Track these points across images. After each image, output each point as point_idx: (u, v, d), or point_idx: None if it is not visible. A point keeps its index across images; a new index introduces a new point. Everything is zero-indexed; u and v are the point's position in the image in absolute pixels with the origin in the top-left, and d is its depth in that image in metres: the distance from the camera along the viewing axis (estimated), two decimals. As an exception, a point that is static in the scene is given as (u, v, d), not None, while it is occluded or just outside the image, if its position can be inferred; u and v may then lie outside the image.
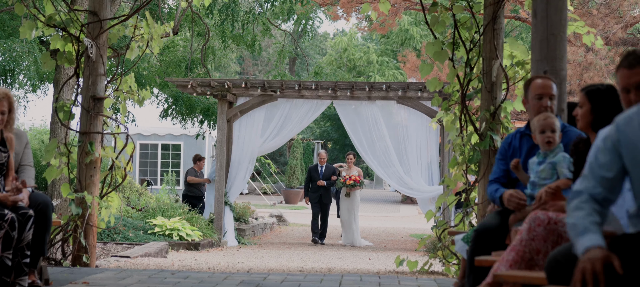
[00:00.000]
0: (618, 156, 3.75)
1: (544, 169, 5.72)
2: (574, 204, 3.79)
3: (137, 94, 11.18)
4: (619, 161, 3.75)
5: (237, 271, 12.20)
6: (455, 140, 10.46)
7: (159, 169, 34.53)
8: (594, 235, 3.59)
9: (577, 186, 3.85)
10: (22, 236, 6.98)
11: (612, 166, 3.76)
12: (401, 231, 24.92)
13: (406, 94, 18.09)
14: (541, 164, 5.79)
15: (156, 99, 26.28)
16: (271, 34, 26.86)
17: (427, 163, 18.67)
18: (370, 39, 53.38)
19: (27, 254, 7.03)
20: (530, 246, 4.73)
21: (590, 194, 3.78)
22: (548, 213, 4.76)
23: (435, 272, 12.15)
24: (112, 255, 13.46)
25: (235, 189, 18.75)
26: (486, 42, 9.71)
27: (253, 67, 61.40)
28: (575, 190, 3.85)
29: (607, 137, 3.80)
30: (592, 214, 3.71)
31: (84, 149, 10.43)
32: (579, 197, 3.80)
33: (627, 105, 3.99)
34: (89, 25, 10.51)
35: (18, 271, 6.98)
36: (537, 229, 4.72)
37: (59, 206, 13.68)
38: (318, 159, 20.16)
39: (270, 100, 18.65)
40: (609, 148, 3.78)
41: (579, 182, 3.86)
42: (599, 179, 3.78)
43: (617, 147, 3.76)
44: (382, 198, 47.26)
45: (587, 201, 3.76)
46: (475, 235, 6.04)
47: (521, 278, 4.47)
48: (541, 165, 5.78)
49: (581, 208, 3.75)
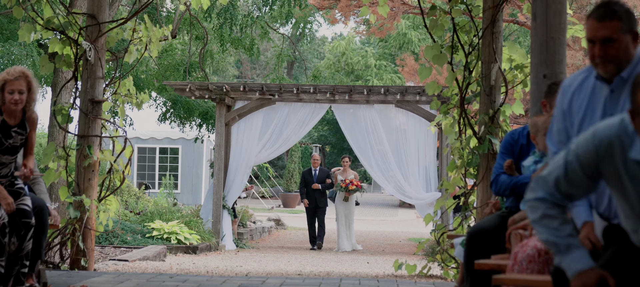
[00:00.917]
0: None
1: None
2: (542, 212, 3.66)
3: (136, 97, 11.16)
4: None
5: (235, 274, 12.18)
6: (454, 144, 10.45)
7: (157, 173, 34.52)
8: (579, 253, 3.52)
9: (535, 186, 3.73)
10: (22, 245, 6.98)
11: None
12: (399, 235, 24.90)
13: (404, 97, 18.08)
14: (538, 163, 5.76)
15: (154, 103, 26.26)
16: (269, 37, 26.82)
17: (425, 167, 18.64)
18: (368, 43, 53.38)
19: (26, 264, 7.03)
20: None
21: (549, 194, 3.67)
22: (536, 245, 4.69)
23: (434, 275, 12.14)
24: (110, 258, 13.44)
25: (234, 193, 18.73)
26: (485, 46, 9.71)
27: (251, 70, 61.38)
28: (535, 193, 3.72)
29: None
30: (565, 221, 3.61)
31: (82, 152, 10.41)
32: (542, 202, 3.67)
33: (590, 57, 3.89)
34: (88, 28, 10.50)
35: (15, 280, 6.97)
36: (530, 266, 4.67)
37: (57, 209, 13.65)
38: (312, 162, 20.00)
39: (268, 104, 18.64)
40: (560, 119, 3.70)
41: (538, 181, 3.73)
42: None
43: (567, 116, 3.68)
44: (380, 202, 47.25)
45: (552, 206, 3.65)
46: (469, 237, 6.01)
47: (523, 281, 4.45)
48: (538, 164, 5.74)
49: (550, 216, 3.63)
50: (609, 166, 3.48)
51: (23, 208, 7.05)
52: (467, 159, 10.06)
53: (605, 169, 3.50)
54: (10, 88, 6.97)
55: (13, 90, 6.97)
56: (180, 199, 31.41)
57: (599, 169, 3.51)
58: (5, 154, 7.05)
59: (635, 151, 3.42)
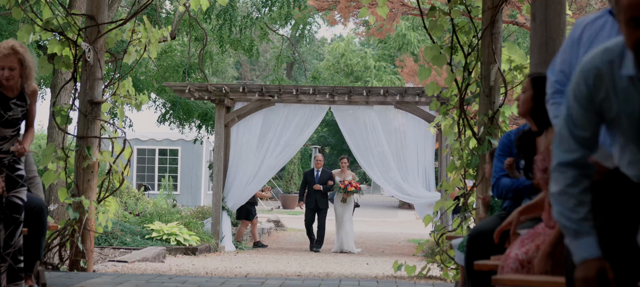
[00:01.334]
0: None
1: None
2: (562, 187, 3.53)
3: (135, 99, 11.16)
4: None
5: (234, 275, 12.17)
6: (453, 145, 10.45)
7: (157, 174, 34.51)
8: (587, 240, 3.45)
9: (555, 146, 3.57)
10: (11, 241, 6.89)
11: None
12: (399, 236, 24.89)
13: (404, 98, 18.08)
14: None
15: (154, 104, 26.26)
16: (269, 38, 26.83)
17: (424, 168, 18.63)
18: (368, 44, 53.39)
19: (20, 259, 6.96)
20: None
21: (569, 150, 3.51)
22: (517, 256, 4.66)
23: (433, 277, 12.13)
24: (110, 260, 13.44)
25: (233, 194, 18.72)
26: (484, 47, 9.71)
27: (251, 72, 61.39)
28: (556, 157, 3.55)
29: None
30: (581, 203, 3.48)
31: (82, 153, 10.41)
32: (563, 172, 3.53)
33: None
34: (87, 29, 10.49)
35: (12, 276, 6.92)
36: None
37: (57, 210, 13.65)
38: (314, 163, 19.89)
39: (267, 105, 18.63)
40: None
41: (556, 139, 3.58)
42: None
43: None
44: (380, 203, 47.26)
45: (573, 180, 3.50)
46: (470, 239, 6.01)
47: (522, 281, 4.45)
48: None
49: (568, 194, 3.50)
50: (602, 94, 3.41)
51: (15, 201, 6.90)
52: (466, 160, 10.06)
53: (599, 101, 3.42)
54: (1, 64, 6.83)
55: (3, 67, 6.81)
56: (180, 200, 31.41)
57: (594, 102, 3.44)
58: (7, 126, 6.93)
59: (626, 67, 3.35)
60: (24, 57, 6.91)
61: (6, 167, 6.90)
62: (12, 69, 6.84)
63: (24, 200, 6.98)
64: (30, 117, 7.10)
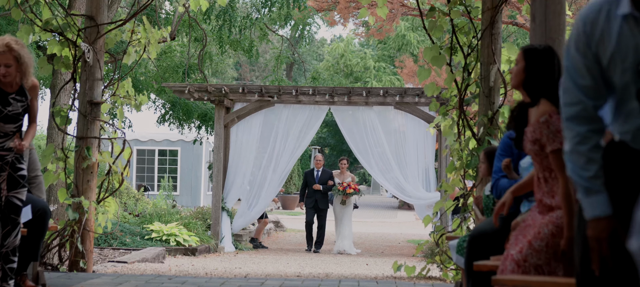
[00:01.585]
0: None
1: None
2: (571, 146, 3.54)
3: (134, 99, 11.16)
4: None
5: (234, 276, 12.17)
6: (453, 146, 10.44)
7: (156, 175, 34.51)
8: (598, 198, 3.44)
9: (562, 100, 3.58)
10: (5, 241, 6.85)
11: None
12: (398, 237, 24.88)
13: (403, 99, 18.08)
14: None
15: (153, 105, 26.26)
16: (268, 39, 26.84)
17: (424, 169, 18.62)
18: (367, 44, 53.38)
19: (13, 259, 6.92)
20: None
21: (574, 103, 3.51)
22: (513, 258, 4.67)
23: (433, 277, 12.13)
24: (109, 260, 13.44)
25: (233, 195, 18.72)
26: (484, 47, 9.70)
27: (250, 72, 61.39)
28: (564, 111, 3.57)
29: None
30: (590, 160, 3.48)
31: (81, 154, 10.41)
32: (571, 128, 3.53)
33: None
34: (86, 30, 10.50)
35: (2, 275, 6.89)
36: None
37: (56, 211, 13.65)
38: (314, 163, 19.82)
39: (267, 106, 18.63)
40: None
41: (562, 92, 3.59)
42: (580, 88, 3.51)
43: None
44: (379, 204, 47.25)
45: (582, 137, 3.51)
46: (470, 240, 6.01)
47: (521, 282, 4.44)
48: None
49: (578, 152, 3.52)
50: (597, 35, 3.37)
51: (14, 202, 6.89)
52: (466, 161, 10.06)
53: (595, 44, 3.39)
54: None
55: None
56: (179, 201, 31.42)
57: (591, 46, 3.40)
58: (8, 122, 6.89)
59: (622, 7, 3.30)
60: (19, 54, 6.85)
61: (9, 165, 6.86)
62: (7, 66, 6.79)
63: (23, 201, 6.95)
64: (31, 113, 7.06)
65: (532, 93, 4.72)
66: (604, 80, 3.46)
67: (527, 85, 4.74)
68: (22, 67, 6.87)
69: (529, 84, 4.73)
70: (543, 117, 4.57)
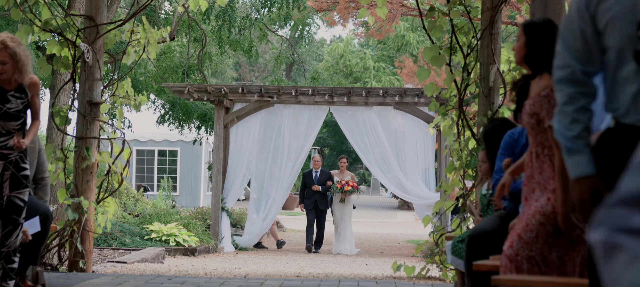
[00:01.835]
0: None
1: None
2: (559, 106, 3.57)
3: (134, 99, 11.16)
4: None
5: (234, 276, 12.17)
6: (452, 146, 10.45)
7: (156, 175, 34.51)
8: (579, 158, 3.48)
9: (556, 74, 3.61)
10: (7, 241, 6.84)
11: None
12: (398, 237, 24.88)
13: (403, 99, 18.09)
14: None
15: (153, 105, 26.27)
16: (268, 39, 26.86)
17: (424, 169, 18.62)
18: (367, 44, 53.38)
19: (14, 259, 6.91)
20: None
21: (564, 66, 3.53)
22: (505, 253, 4.68)
23: (433, 277, 12.12)
24: (109, 260, 13.43)
25: (232, 195, 18.72)
26: (483, 47, 9.71)
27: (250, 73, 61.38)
28: (555, 73, 3.61)
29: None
30: (575, 121, 3.50)
31: (81, 154, 10.41)
32: (561, 89, 3.56)
33: None
34: (86, 30, 10.50)
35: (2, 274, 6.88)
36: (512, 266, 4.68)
37: (56, 211, 13.65)
38: (312, 164, 19.78)
39: (267, 106, 18.63)
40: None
41: (556, 56, 3.61)
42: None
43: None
44: (379, 204, 47.25)
45: (570, 98, 3.53)
46: (469, 239, 6.01)
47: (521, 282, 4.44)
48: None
49: (564, 112, 3.54)
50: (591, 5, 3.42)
51: (16, 202, 6.87)
52: (465, 161, 10.06)
53: (594, 5, 3.40)
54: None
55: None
56: (179, 201, 31.42)
57: (590, 8, 3.40)
58: (9, 119, 6.86)
59: None
60: (14, 51, 6.82)
61: (12, 164, 6.84)
62: (3, 63, 6.76)
63: (25, 201, 6.93)
64: (33, 110, 7.04)
65: (534, 67, 4.71)
66: (596, 46, 3.46)
67: (529, 60, 4.73)
68: (18, 65, 6.84)
69: (531, 58, 4.72)
70: (544, 91, 4.55)
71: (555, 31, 4.70)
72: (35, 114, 7.04)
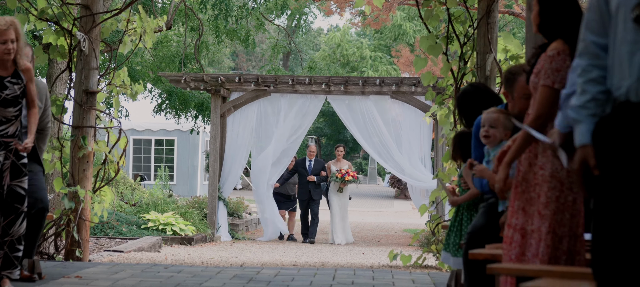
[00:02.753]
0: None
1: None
2: (575, 78, 3.60)
3: (130, 88, 11.15)
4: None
5: (230, 265, 12.18)
6: (449, 135, 10.46)
7: (153, 164, 34.52)
8: (580, 127, 3.50)
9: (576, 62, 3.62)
10: (10, 229, 6.84)
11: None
12: (395, 226, 24.91)
13: (400, 88, 18.09)
14: (488, 163, 5.65)
15: (150, 94, 26.25)
16: (265, 29, 26.80)
17: (421, 158, 18.63)
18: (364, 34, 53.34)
19: (19, 248, 6.91)
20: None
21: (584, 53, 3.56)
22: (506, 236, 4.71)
23: (429, 266, 12.15)
24: (105, 249, 13.44)
25: (229, 184, 18.73)
26: (480, 36, 9.71)
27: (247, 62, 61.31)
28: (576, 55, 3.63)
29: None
30: (585, 91, 3.51)
31: (77, 143, 10.40)
32: (576, 64, 3.60)
33: None
34: (82, 19, 10.48)
35: (6, 263, 6.88)
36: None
37: (52, 200, 13.65)
38: (307, 153, 19.73)
39: (263, 95, 18.63)
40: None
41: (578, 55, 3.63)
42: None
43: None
44: (376, 193, 47.28)
45: (580, 68, 3.55)
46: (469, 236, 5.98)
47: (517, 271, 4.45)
48: (489, 164, 5.62)
49: (576, 84, 3.58)
50: None
51: (17, 191, 6.86)
52: (462, 150, 10.05)
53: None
54: (3, 38, 6.74)
55: (5, 40, 6.72)
56: (176, 190, 31.43)
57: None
58: (7, 106, 6.82)
59: None
60: (19, 31, 6.84)
61: (13, 153, 6.83)
62: (12, 42, 6.76)
63: (26, 189, 6.93)
64: (29, 97, 7.00)
65: (549, 35, 4.70)
66: (608, 15, 3.46)
67: (543, 29, 4.72)
68: (19, 44, 6.86)
69: (544, 26, 4.71)
70: (552, 51, 4.54)
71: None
72: (32, 101, 7.01)
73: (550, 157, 4.58)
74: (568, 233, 4.56)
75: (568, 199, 4.57)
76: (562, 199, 4.56)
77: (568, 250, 4.56)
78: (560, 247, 4.55)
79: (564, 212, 4.56)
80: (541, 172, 4.61)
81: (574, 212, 4.58)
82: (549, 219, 4.56)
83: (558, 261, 4.54)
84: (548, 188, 4.57)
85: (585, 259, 4.58)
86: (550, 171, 4.58)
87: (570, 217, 4.57)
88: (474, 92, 6.66)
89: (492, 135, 5.58)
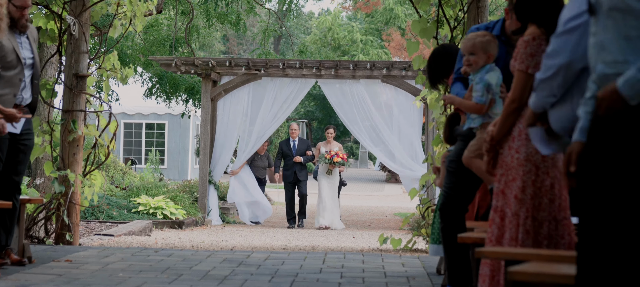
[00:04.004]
0: None
1: (476, 91, 5.48)
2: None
3: (120, 72, 11.13)
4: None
5: (220, 249, 12.20)
6: (439, 118, 10.47)
7: (143, 148, 34.49)
8: (581, 124, 3.50)
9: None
10: None
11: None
12: (385, 210, 24.97)
13: (391, 72, 18.09)
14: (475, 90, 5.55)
15: (140, 78, 26.20)
16: (256, 12, 26.77)
17: (411, 142, 18.62)
18: (355, 18, 53.30)
19: None
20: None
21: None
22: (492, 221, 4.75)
23: (419, 250, 12.19)
24: (96, 233, 13.45)
25: (220, 168, 18.73)
26: (470, 20, 9.71)
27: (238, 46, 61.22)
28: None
29: None
30: (594, 94, 3.40)
31: (67, 127, 10.40)
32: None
33: None
34: (72, 2, 10.46)
35: None
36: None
37: (42, 184, 13.64)
38: (290, 133, 19.49)
39: (254, 79, 18.61)
40: None
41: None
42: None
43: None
44: (367, 177, 47.34)
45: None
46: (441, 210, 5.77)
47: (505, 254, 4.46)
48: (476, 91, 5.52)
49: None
50: None
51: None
52: (452, 134, 10.07)
53: None
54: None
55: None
56: (167, 174, 31.43)
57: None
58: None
59: None
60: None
61: None
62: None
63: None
64: None
65: (521, 18, 4.69)
66: None
67: (517, 10, 4.70)
68: None
69: (518, 8, 4.70)
70: (527, 36, 4.55)
71: None
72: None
73: (524, 141, 4.60)
74: (548, 217, 4.58)
75: (545, 183, 4.59)
76: (538, 183, 4.59)
77: (549, 234, 4.58)
78: (541, 232, 4.57)
79: (542, 198, 4.59)
80: (516, 156, 4.64)
81: (552, 196, 4.60)
82: (527, 203, 4.59)
83: (540, 246, 4.56)
84: (523, 172, 4.60)
85: (571, 242, 4.60)
86: (525, 154, 4.60)
87: (549, 202, 4.59)
88: (444, 53, 6.53)
89: (473, 62, 5.45)
